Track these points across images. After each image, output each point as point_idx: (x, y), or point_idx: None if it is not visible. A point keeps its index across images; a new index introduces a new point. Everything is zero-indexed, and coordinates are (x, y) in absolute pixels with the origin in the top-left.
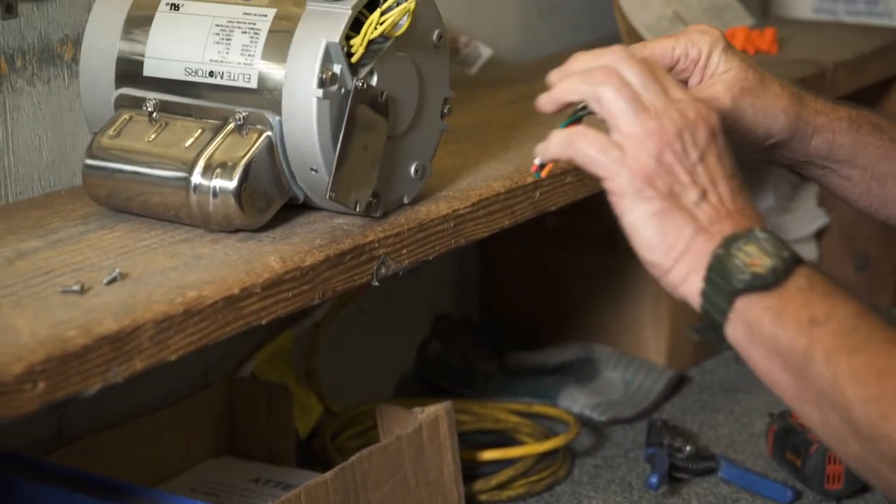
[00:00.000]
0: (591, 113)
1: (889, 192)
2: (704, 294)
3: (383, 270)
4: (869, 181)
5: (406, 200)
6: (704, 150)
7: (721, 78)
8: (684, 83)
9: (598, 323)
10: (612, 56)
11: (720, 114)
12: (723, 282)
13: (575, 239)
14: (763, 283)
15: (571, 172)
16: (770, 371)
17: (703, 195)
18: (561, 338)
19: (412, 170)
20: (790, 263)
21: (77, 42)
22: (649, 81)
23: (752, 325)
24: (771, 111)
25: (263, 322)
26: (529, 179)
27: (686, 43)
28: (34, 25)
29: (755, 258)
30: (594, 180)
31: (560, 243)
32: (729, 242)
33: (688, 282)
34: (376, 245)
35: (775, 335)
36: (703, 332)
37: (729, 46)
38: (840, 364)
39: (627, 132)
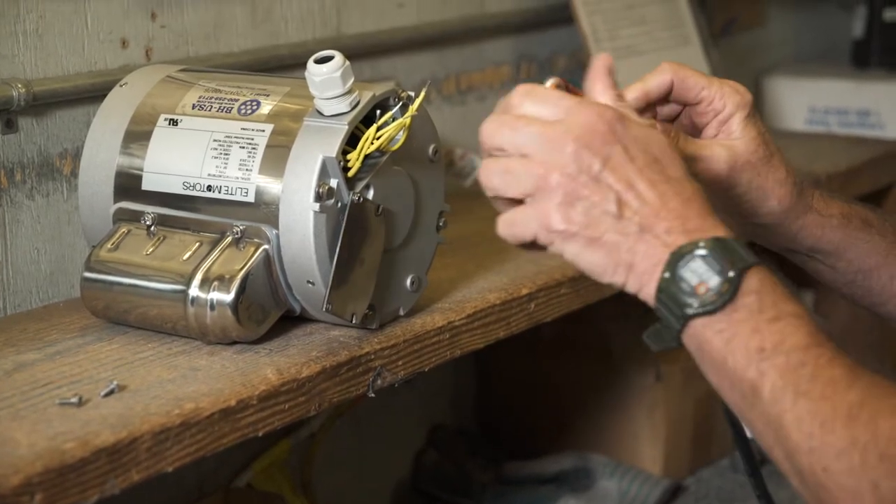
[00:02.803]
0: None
1: (874, 284)
2: (658, 308)
3: (379, 382)
4: (854, 273)
5: (402, 312)
6: (605, 155)
7: (730, 143)
8: (699, 130)
9: (593, 432)
10: (484, 130)
11: (716, 176)
12: (673, 305)
13: (570, 349)
14: (711, 308)
15: (566, 284)
16: (721, 388)
17: (620, 203)
18: (557, 447)
19: (408, 282)
20: (737, 281)
21: (76, 156)
22: (521, 128)
23: (702, 344)
24: (764, 193)
25: (260, 434)
26: (524, 291)
27: (716, 92)
28: (34, 140)
29: (701, 280)
30: (588, 292)
31: (555, 353)
32: (675, 261)
33: (643, 291)
34: (372, 357)
35: (724, 360)
36: (659, 336)
37: (753, 114)
38: (786, 406)
39: (524, 192)
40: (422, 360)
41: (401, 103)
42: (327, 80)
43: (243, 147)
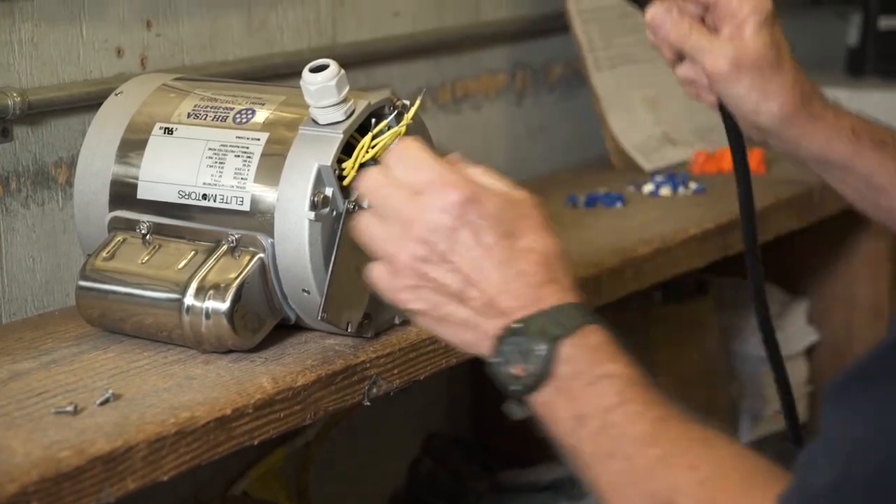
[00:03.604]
0: None
1: (883, 202)
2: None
3: (374, 390)
4: (864, 189)
5: (397, 321)
6: (453, 239)
7: (739, 44)
8: (714, 27)
9: None
10: (361, 185)
11: (716, 71)
12: (503, 385)
13: None
14: (530, 388)
15: None
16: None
17: (462, 298)
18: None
19: None
20: (548, 355)
21: (71, 165)
22: (385, 199)
23: (538, 416)
24: (765, 96)
25: (255, 442)
26: None
27: None
28: (29, 148)
29: (517, 364)
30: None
31: None
32: (496, 351)
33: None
34: (368, 365)
35: (554, 429)
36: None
37: (767, 21)
38: (599, 472)
39: (381, 258)
40: (417, 368)
41: (396, 112)
42: (322, 88)
43: (238, 156)
